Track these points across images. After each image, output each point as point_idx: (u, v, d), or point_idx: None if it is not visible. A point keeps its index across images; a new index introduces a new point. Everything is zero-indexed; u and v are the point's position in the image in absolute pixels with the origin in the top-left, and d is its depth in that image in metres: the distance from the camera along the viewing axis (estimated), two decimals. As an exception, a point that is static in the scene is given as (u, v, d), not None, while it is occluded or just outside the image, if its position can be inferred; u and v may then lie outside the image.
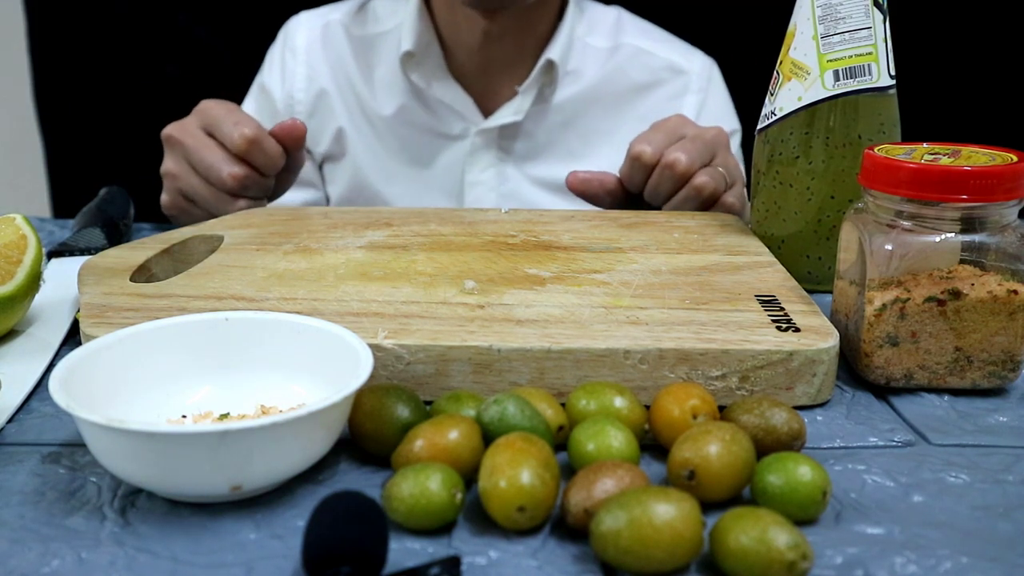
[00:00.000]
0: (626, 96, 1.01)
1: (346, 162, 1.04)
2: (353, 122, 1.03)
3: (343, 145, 1.03)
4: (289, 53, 1.04)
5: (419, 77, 0.98)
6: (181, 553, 0.35)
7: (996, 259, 0.47)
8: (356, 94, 1.02)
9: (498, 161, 1.01)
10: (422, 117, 1.01)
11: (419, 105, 1.00)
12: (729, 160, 0.75)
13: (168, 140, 0.74)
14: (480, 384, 0.46)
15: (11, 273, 0.52)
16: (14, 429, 0.45)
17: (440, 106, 1.00)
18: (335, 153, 1.04)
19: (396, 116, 1.01)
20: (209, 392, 0.45)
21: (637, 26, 1.05)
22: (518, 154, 1.01)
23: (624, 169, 0.74)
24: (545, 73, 0.97)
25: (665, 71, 1.02)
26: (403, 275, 0.56)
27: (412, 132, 1.01)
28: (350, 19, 1.04)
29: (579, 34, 1.01)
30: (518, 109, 0.98)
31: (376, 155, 1.03)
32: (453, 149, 1.01)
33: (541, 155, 1.01)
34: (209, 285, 0.54)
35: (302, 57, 1.03)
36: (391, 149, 1.02)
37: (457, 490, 0.36)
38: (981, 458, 0.43)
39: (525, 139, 1.00)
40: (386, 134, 1.02)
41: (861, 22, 0.58)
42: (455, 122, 1.00)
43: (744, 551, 0.33)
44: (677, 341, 0.46)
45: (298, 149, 0.73)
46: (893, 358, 0.48)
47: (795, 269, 0.63)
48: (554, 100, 0.99)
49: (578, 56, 1.00)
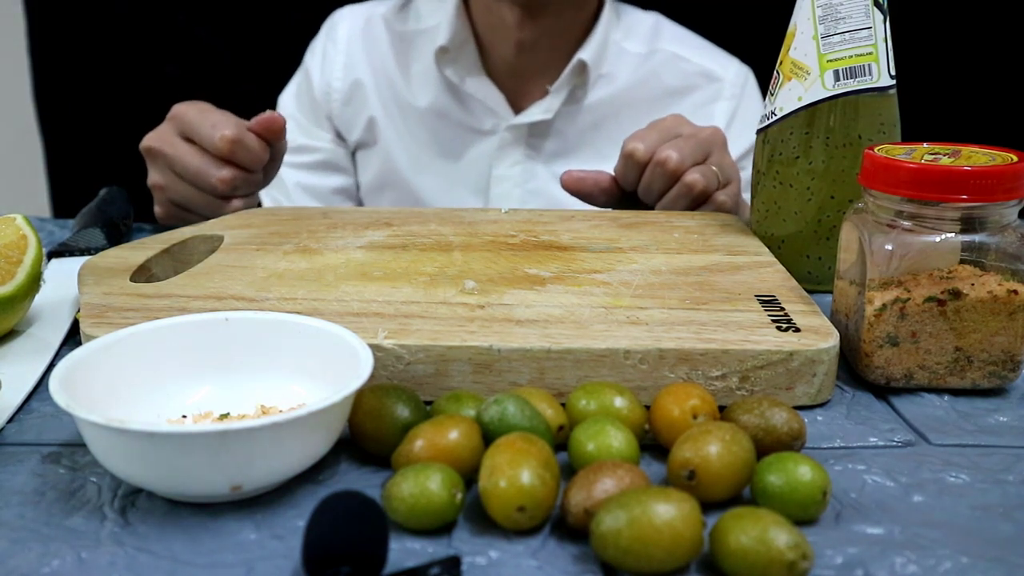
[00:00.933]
0: (659, 101, 1.02)
1: (377, 150, 1.06)
2: (387, 112, 1.05)
3: (375, 134, 1.05)
4: (331, 43, 1.07)
5: (453, 72, 1.00)
6: (181, 553, 0.35)
7: (996, 259, 0.47)
8: (392, 85, 1.05)
9: (526, 158, 1.02)
10: (454, 111, 1.03)
11: (452, 100, 1.02)
12: (724, 159, 0.75)
13: (148, 152, 0.74)
14: (480, 384, 0.46)
15: (11, 273, 0.52)
16: (14, 429, 0.45)
17: (472, 101, 1.02)
18: (367, 141, 1.06)
19: (429, 109, 1.03)
20: (209, 392, 0.45)
21: (675, 33, 1.06)
22: (547, 152, 1.02)
23: (618, 167, 0.74)
24: (577, 74, 0.99)
25: (699, 76, 1.02)
26: (403, 275, 0.56)
27: (444, 125, 1.03)
28: (393, 15, 1.06)
29: (615, 39, 1.02)
30: (548, 108, 0.99)
31: (407, 145, 1.05)
32: (483, 144, 1.03)
33: (570, 155, 1.02)
34: (209, 285, 0.54)
35: (342, 47, 1.06)
36: (422, 141, 1.04)
37: (457, 490, 0.36)
38: (981, 458, 0.43)
39: (555, 138, 1.02)
40: (418, 126, 1.04)
41: (861, 22, 0.58)
42: (486, 118, 1.02)
43: (744, 551, 0.33)
44: (677, 341, 0.46)
45: (278, 141, 0.73)
46: (893, 358, 0.48)
47: (795, 269, 0.63)
48: (586, 101, 1.01)
49: (612, 60, 1.01)
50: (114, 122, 1.39)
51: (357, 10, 1.09)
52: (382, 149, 1.06)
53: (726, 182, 0.74)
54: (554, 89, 0.99)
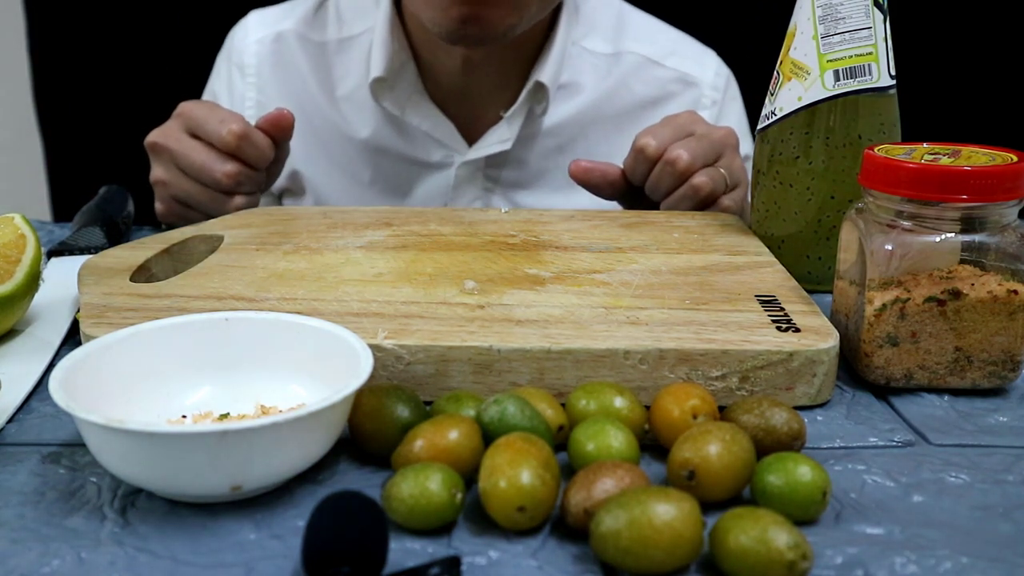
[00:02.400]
0: (631, 114, 0.92)
1: (307, 199, 0.94)
2: (311, 158, 0.92)
3: (301, 184, 0.94)
4: (237, 71, 0.94)
5: (392, 104, 0.88)
6: (181, 553, 0.35)
7: (996, 259, 0.47)
8: (317, 116, 0.92)
9: (484, 192, 0.92)
10: (397, 143, 0.90)
11: (392, 131, 0.90)
12: (735, 162, 0.74)
13: (153, 148, 0.73)
14: (480, 384, 0.46)
15: (10, 272, 0.52)
16: (14, 429, 0.45)
17: (417, 132, 0.90)
18: (293, 190, 0.95)
19: (367, 142, 0.91)
20: (209, 392, 0.45)
21: (641, 25, 0.96)
22: (507, 183, 0.92)
23: (628, 160, 0.73)
24: (534, 95, 0.88)
25: (675, 83, 0.93)
26: (403, 275, 0.56)
27: (386, 160, 0.91)
28: (306, 26, 0.92)
29: (575, 37, 0.91)
30: (504, 136, 0.88)
31: (345, 187, 0.93)
32: (433, 179, 0.91)
33: (533, 184, 0.92)
34: (209, 285, 0.54)
35: (252, 81, 0.93)
36: (363, 179, 0.92)
37: (457, 490, 0.36)
38: (981, 458, 0.43)
39: (515, 167, 0.91)
40: (355, 161, 0.92)
41: (861, 22, 0.58)
42: (435, 149, 0.90)
43: (744, 551, 0.33)
44: (677, 341, 0.46)
45: (286, 139, 0.73)
46: (893, 358, 0.48)
47: (795, 269, 0.63)
48: (548, 122, 0.90)
49: (574, 65, 0.91)
50: (114, 122, 1.39)
51: (262, 28, 0.93)
52: (312, 197, 0.93)
53: (734, 185, 0.73)
54: (509, 116, 0.87)
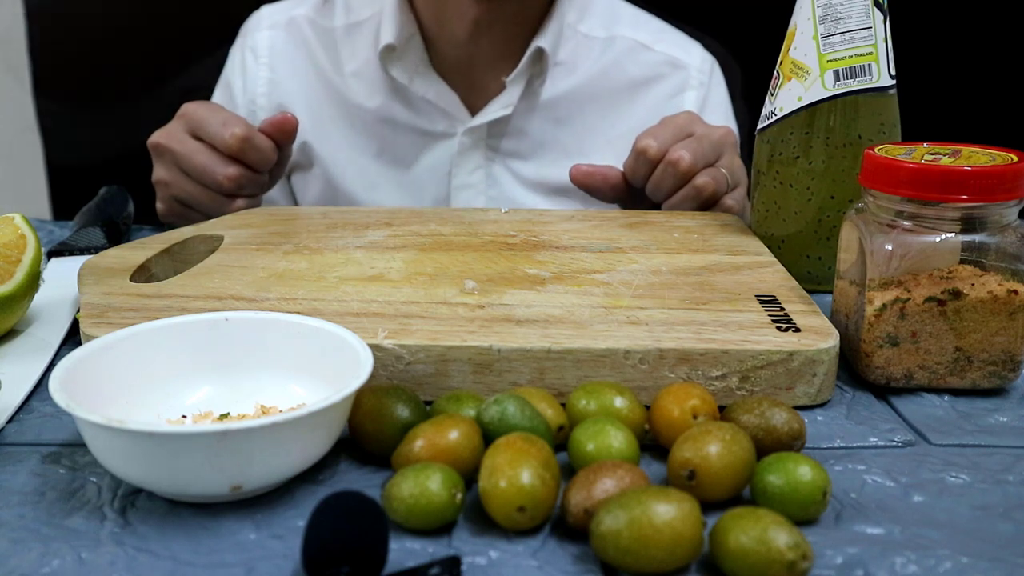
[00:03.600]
0: (624, 92, 0.97)
1: (315, 172, 0.98)
2: (324, 127, 0.96)
3: (309, 157, 0.97)
4: (250, 54, 0.98)
5: (400, 72, 0.93)
6: (181, 553, 0.35)
7: (996, 259, 0.47)
8: (332, 90, 0.96)
9: (487, 161, 0.95)
10: (403, 114, 0.95)
11: (398, 102, 0.94)
12: (735, 161, 0.75)
13: (156, 148, 0.73)
14: (480, 384, 0.46)
15: (10, 273, 0.52)
16: (14, 429, 0.45)
17: (423, 103, 0.94)
18: (301, 164, 0.98)
19: (375, 113, 0.95)
20: (209, 392, 0.45)
21: (632, 15, 1.00)
22: (508, 152, 0.96)
23: (628, 162, 0.73)
24: (534, 63, 0.92)
25: (664, 65, 0.97)
26: (403, 275, 0.56)
27: (392, 131, 0.95)
28: (316, 12, 0.97)
29: (570, 21, 0.95)
30: (507, 102, 0.93)
31: (352, 159, 0.96)
32: (437, 149, 0.95)
33: (534, 154, 0.96)
34: (209, 285, 0.54)
35: (264, 60, 0.98)
36: (369, 151, 0.96)
37: (457, 490, 0.36)
38: (981, 458, 0.43)
39: (516, 137, 0.95)
40: (363, 134, 0.96)
41: (861, 22, 0.58)
42: (439, 119, 0.94)
43: (744, 551, 0.33)
44: (677, 341, 0.46)
45: (289, 143, 0.73)
46: (893, 358, 0.48)
47: (795, 269, 0.63)
48: (546, 95, 0.94)
49: (570, 46, 0.95)
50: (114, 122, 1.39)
51: (275, 14, 0.99)
52: (320, 170, 0.97)
53: (735, 185, 0.74)
54: (511, 80, 0.92)
